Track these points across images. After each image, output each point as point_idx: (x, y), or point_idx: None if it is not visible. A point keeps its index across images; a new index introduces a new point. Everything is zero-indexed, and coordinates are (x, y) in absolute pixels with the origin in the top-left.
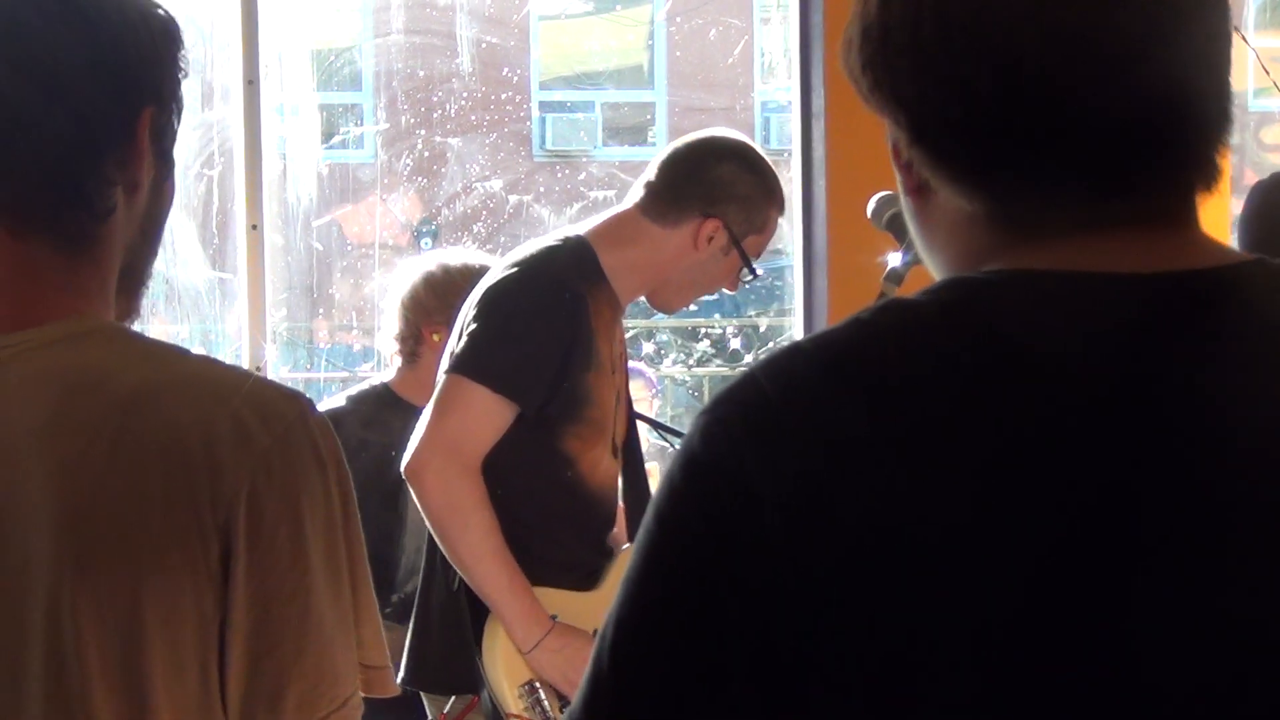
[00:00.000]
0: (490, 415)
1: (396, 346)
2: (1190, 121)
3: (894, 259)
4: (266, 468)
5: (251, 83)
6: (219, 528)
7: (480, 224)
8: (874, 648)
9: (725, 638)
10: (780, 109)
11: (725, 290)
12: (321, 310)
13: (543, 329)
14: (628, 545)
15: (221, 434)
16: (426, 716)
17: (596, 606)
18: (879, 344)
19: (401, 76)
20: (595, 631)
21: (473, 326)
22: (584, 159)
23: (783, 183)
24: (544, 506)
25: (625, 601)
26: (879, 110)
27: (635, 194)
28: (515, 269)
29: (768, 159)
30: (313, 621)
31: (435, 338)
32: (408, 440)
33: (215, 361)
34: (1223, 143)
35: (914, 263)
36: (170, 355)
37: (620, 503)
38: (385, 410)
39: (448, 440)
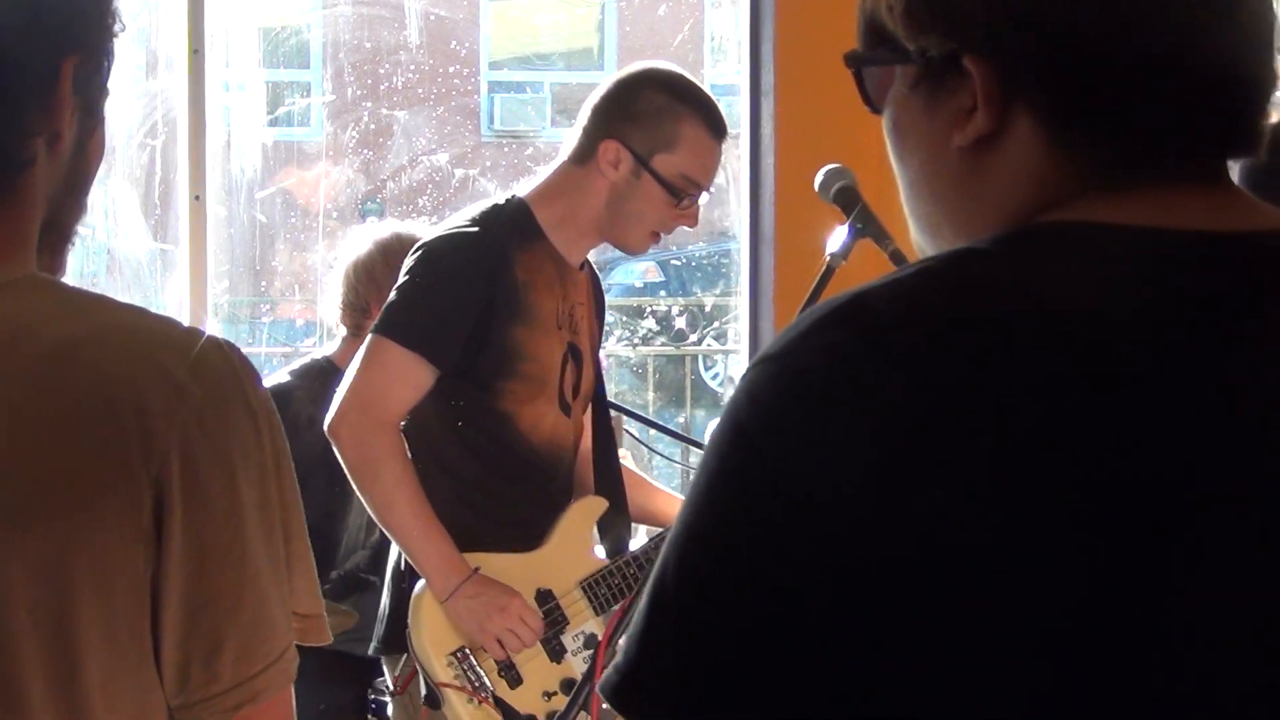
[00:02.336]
0: (404, 372)
1: (340, 314)
2: (1257, 81)
3: (841, 232)
4: (199, 419)
5: (197, 52)
6: (152, 481)
7: (426, 197)
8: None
9: (796, 588)
10: (729, 91)
11: (686, 226)
12: (264, 283)
13: (458, 287)
14: (591, 498)
15: (152, 386)
16: (384, 676)
17: (538, 567)
18: (940, 302)
19: (348, 48)
20: (537, 590)
21: (397, 284)
22: (532, 136)
23: (731, 161)
24: (486, 464)
25: (691, 536)
26: (986, 47)
27: (567, 146)
28: (444, 231)
29: (695, 82)
30: (249, 574)
31: None
32: None
33: (144, 311)
34: (1271, 104)
35: (861, 235)
36: (97, 305)
37: (591, 458)
38: (330, 385)
39: (363, 397)
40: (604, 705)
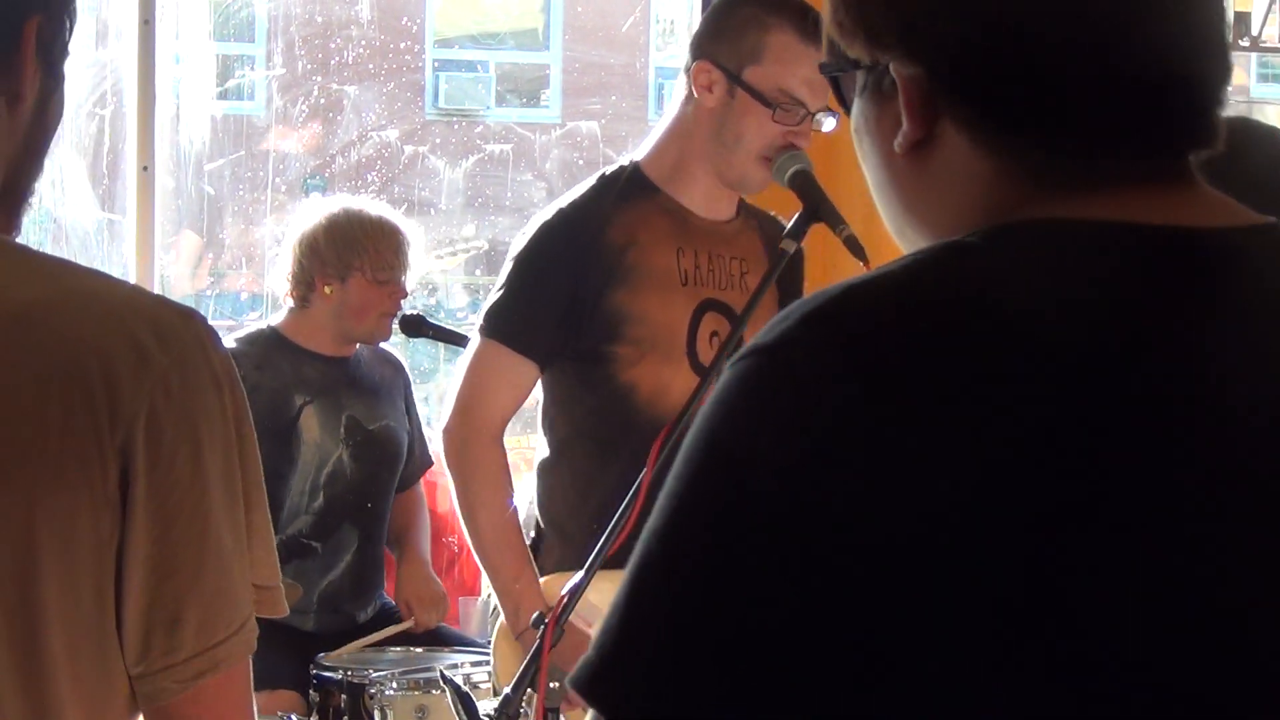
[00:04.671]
0: (504, 370)
1: (289, 286)
2: (1225, 77)
3: (796, 216)
4: (165, 388)
5: (147, 22)
6: (118, 449)
7: (374, 173)
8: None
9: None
10: (675, 74)
11: (797, 145)
12: (211, 256)
13: (543, 275)
14: None
15: (119, 353)
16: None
17: None
18: (911, 301)
19: (299, 22)
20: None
21: (499, 279)
22: (480, 114)
23: None
24: (611, 453)
25: (670, 534)
26: (905, 56)
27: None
28: (539, 219)
29: None
30: (211, 544)
31: (328, 290)
32: (298, 381)
33: (108, 277)
34: (1226, 97)
35: (815, 219)
36: (63, 270)
37: None
38: (274, 352)
39: (464, 400)
40: (552, 685)
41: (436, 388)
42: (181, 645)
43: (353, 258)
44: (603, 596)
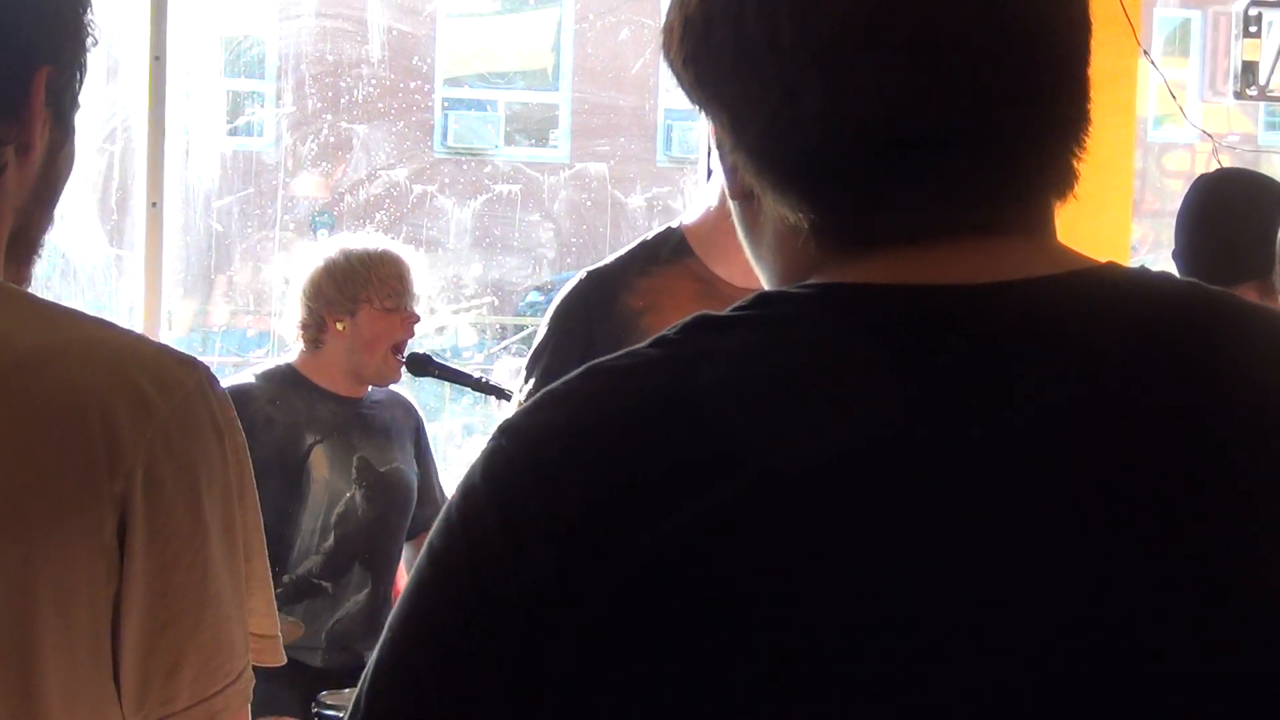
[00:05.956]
0: None
1: (299, 333)
2: (1046, 127)
3: None
4: (165, 437)
5: (158, 58)
6: (116, 498)
7: (383, 212)
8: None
9: (481, 694)
10: (684, 115)
11: None
12: (218, 292)
13: (560, 332)
14: None
15: (119, 401)
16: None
17: None
18: (672, 373)
19: (310, 60)
20: None
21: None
22: (489, 154)
23: (688, 187)
24: None
25: (387, 641)
26: (703, 109)
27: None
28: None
29: None
30: (210, 595)
31: (339, 326)
32: (310, 420)
33: (111, 325)
34: (1080, 146)
35: None
36: (67, 317)
37: None
38: (290, 389)
39: None
40: None
41: (442, 427)
42: (178, 695)
43: (358, 290)
44: None
